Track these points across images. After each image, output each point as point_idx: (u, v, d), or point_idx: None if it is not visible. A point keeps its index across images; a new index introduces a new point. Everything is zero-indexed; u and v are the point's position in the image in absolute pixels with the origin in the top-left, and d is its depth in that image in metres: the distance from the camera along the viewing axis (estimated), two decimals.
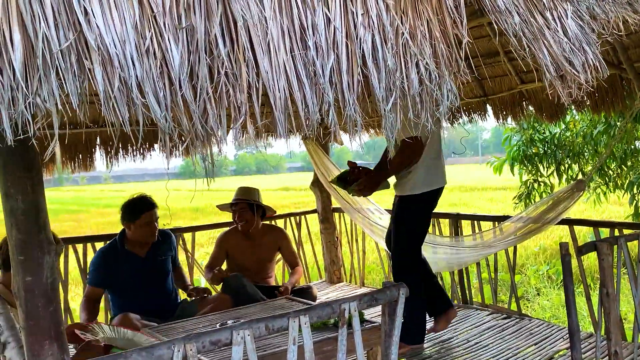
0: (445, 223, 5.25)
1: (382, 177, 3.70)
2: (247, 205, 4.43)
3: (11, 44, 1.09)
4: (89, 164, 4.82)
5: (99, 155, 4.81)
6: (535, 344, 3.93)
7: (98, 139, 4.82)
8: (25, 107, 1.10)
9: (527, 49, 1.64)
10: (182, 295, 4.22)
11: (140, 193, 3.93)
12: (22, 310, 1.67)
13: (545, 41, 1.62)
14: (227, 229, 4.72)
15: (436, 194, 3.82)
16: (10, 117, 1.10)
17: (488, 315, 4.65)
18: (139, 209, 3.80)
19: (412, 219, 3.81)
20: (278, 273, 5.47)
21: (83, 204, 29.50)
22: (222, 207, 4.65)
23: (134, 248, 3.89)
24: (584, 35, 1.70)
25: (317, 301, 4.94)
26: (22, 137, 1.14)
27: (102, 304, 4.10)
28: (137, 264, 3.86)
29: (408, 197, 3.75)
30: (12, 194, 1.64)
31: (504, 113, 5.15)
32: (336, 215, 6.01)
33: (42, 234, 1.68)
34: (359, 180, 3.73)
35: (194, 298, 4.03)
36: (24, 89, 1.09)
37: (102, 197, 34.92)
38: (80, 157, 4.80)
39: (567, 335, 3.92)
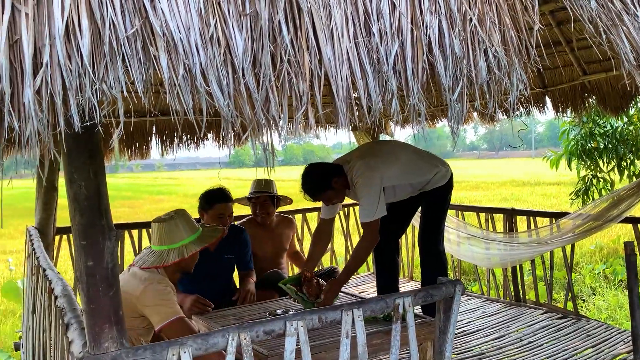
0: (498, 218, 5.11)
1: (349, 276, 3.68)
2: (268, 197, 4.43)
3: (79, 31, 1.09)
4: (145, 152, 4.94)
5: (154, 144, 4.92)
6: (593, 347, 3.78)
7: (154, 128, 4.92)
8: (92, 93, 1.10)
9: (604, 36, 1.53)
10: None
11: (220, 186, 3.97)
12: (84, 294, 1.70)
13: (623, 27, 1.52)
14: (240, 220, 4.63)
15: None
16: (78, 104, 1.11)
17: (542, 314, 4.51)
18: (213, 199, 3.85)
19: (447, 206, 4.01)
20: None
21: (137, 190, 30.41)
22: (239, 201, 4.59)
23: None
24: None
25: (365, 294, 4.92)
26: (88, 123, 1.15)
27: None
28: (205, 256, 3.90)
29: (443, 186, 3.84)
30: (75, 180, 1.67)
31: (564, 105, 4.94)
32: None
33: (103, 219, 1.70)
34: (320, 291, 3.42)
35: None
36: (91, 75, 1.10)
37: (156, 185, 35.92)
38: (137, 145, 4.92)
39: (629, 338, 3.76)
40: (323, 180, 3.49)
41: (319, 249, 3.90)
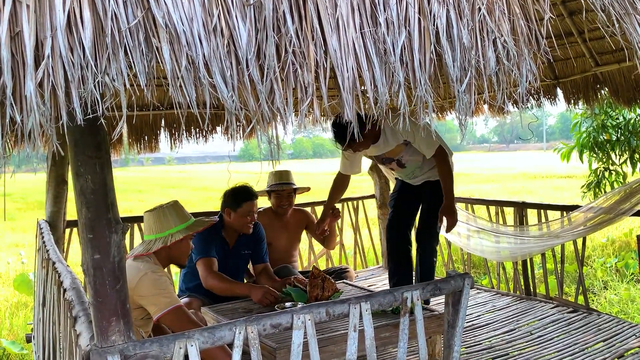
0: (509, 211, 5.07)
1: (453, 193, 3.92)
2: (292, 189, 4.43)
3: (81, 22, 1.08)
4: (154, 146, 4.94)
5: (163, 137, 4.92)
6: (604, 341, 3.74)
7: (163, 121, 4.92)
8: (94, 86, 1.09)
9: (617, 25, 1.50)
10: None
11: (244, 183, 3.93)
12: (91, 287, 1.70)
13: (637, 16, 1.48)
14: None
15: None
16: (80, 96, 1.10)
17: (553, 308, 4.47)
18: (242, 198, 3.82)
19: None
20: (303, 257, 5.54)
21: (148, 184, 30.52)
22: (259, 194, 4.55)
23: (227, 235, 3.93)
24: None
25: (374, 288, 4.90)
26: (91, 116, 1.14)
27: None
28: (224, 251, 3.89)
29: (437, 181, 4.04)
30: (82, 173, 1.67)
31: (576, 97, 4.88)
32: None
33: (110, 213, 1.70)
34: (322, 293, 3.37)
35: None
36: (93, 67, 1.09)
37: (166, 178, 36.05)
38: (146, 139, 4.92)
39: None
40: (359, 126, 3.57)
41: (337, 194, 4.31)
